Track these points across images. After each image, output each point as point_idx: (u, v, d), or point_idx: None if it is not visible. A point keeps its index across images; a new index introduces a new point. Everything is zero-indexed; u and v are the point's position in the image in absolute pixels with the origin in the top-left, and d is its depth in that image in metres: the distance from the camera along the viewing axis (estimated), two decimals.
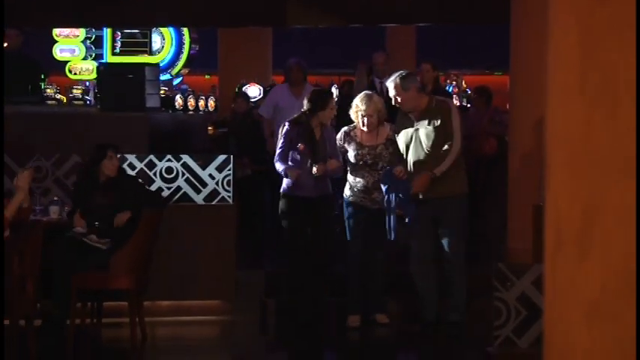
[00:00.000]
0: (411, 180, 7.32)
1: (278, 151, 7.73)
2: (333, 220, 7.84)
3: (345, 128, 7.69)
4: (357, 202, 7.63)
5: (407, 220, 7.34)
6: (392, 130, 7.58)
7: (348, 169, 7.67)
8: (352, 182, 7.66)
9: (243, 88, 12.56)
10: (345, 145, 7.63)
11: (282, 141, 7.70)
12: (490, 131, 10.87)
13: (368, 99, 7.58)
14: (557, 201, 1.93)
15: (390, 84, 7.40)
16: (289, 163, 7.63)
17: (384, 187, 7.40)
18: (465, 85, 18.84)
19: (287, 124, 7.68)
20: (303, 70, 9.54)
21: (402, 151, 7.50)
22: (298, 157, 7.62)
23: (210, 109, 13.27)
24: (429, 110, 7.34)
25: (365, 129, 7.57)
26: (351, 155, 7.60)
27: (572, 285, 1.87)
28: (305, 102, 7.68)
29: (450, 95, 10.42)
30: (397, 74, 7.47)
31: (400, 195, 7.29)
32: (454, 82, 17.58)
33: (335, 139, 7.67)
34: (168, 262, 8.14)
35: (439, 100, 7.57)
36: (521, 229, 8.01)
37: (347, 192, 7.70)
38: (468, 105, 12.48)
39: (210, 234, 8.15)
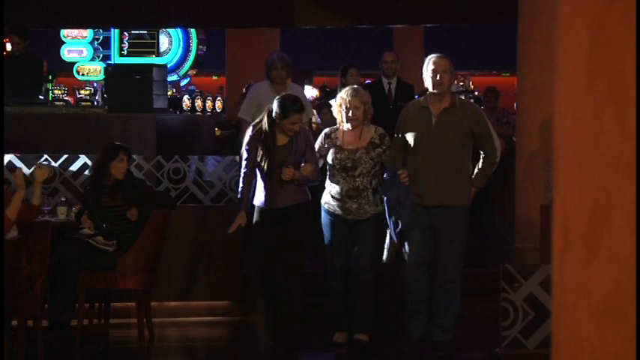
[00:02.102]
0: (417, 185, 6.68)
1: (243, 163, 6.99)
2: (306, 232, 6.95)
3: (327, 130, 7.12)
4: (331, 211, 7.00)
5: (399, 226, 6.73)
6: (377, 134, 6.94)
7: (327, 173, 7.05)
8: (328, 188, 7.03)
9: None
10: (325, 147, 7.01)
11: (245, 153, 6.95)
12: (498, 132, 10.86)
13: (354, 91, 6.97)
14: (565, 201, 1.93)
15: (440, 59, 6.73)
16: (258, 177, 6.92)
17: (385, 198, 6.81)
18: (472, 86, 18.82)
19: (250, 129, 6.98)
20: (287, 66, 8.63)
21: (411, 146, 6.74)
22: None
23: (218, 110, 13.31)
24: (452, 108, 6.71)
25: (349, 125, 6.90)
26: (329, 158, 6.98)
27: (580, 285, 1.86)
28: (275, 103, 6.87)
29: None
30: (446, 56, 6.84)
31: (399, 199, 6.69)
32: (462, 83, 17.58)
33: (313, 144, 6.99)
34: (176, 263, 8.15)
35: (463, 100, 7.13)
36: (528, 230, 8.01)
37: (323, 198, 7.08)
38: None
39: (217, 235, 8.15)
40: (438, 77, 6.67)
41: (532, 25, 8.12)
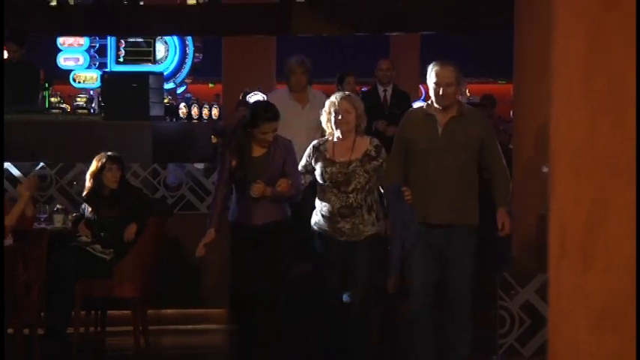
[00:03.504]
0: (421, 203, 6.00)
1: (217, 175, 6.59)
2: (284, 253, 6.38)
3: (315, 142, 6.38)
4: (322, 233, 6.28)
5: (403, 247, 6.09)
6: (373, 145, 6.26)
7: (317, 191, 6.36)
8: (318, 207, 6.30)
9: (247, 97, 12.57)
10: (313, 162, 6.31)
11: (219, 165, 6.48)
12: None
13: (344, 94, 6.38)
14: (562, 208, 1.93)
15: (444, 67, 6.07)
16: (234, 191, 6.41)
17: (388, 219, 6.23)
18: (468, 94, 18.83)
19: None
20: (308, 71, 7.53)
21: (414, 158, 6.10)
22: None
23: (214, 117, 13.29)
24: (460, 117, 6.04)
25: (339, 133, 6.21)
26: (317, 173, 6.26)
27: (576, 292, 1.87)
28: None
29: None
30: (450, 61, 6.22)
31: (403, 221, 6.02)
32: (468, 94, 17.60)
33: (294, 157, 6.37)
34: (173, 271, 8.15)
35: (471, 108, 6.37)
36: (525, 238, 8.00)
37: (313, 219, 6.36)
38: None
39: (214, 242, 8.15)
40: (440, 92, 5.98)
41: (529, 32, 8.13)
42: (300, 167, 6.40)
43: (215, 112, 13.25)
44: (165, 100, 12.13)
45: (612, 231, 1.82)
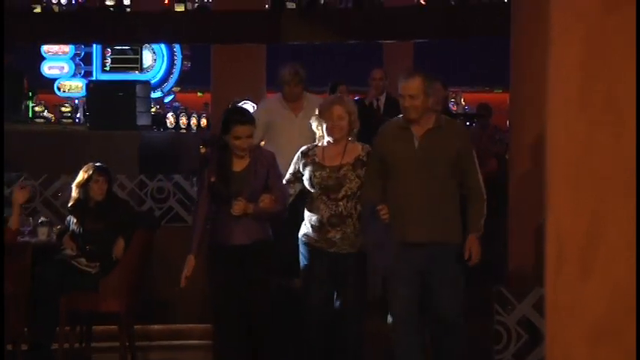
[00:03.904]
0: (399, 220, 5.81)
1: (196, 194, 6.35)
2: (267, 276, 6.12)
3: (303, 148, 6.19)
4: (311, 244, 6.08)
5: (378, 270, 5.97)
6: (365, 151, 6.09)
7: (306, 201, 6.17)
8: (307, 217, 6.11)
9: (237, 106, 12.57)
10: (301, 168, 6.14)
11: (198, 181, 6.27)
12: (490, 150, 10.92)
13: (338, 98, 6.29)
14: (558, 220, 1.95)
15: (410, 77, 5.87)
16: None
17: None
18: (463, 103, 18.88)
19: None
20: (302, 81, 7.32)
21: (390, 173, 5.94)
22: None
23: (203, 127, 13.31)
24: (437, 129, 5.90)
25: (330, 139, 6.03)
26: (306, 179, 6.07)
27: (574, 306, 1.88)
28: None
29: (456, 118, 10.24)
30: (419, 71, 6.01)
31: (376, 241, 5.84)
32: (453, 100, 17.64)
33: (278, 170, 6.14)
34: (160, 285, 8.14)
35: (450, 120, 6.22)
36: (522, 251, 8.02)
37: (301, 230, 6.15)
38: (467, 123, 12.52)
39: (203, 255, 8.15)
40: (406, 103, 5.84)
41: (525, 40, 8.16)
42: (287, 175, 6.23)
43: (204, 121, 13.27)
44: (153, 110, 12.14)
45: (611, 243, 1.83)
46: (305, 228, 6.13)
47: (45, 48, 15.03)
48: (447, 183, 5.89)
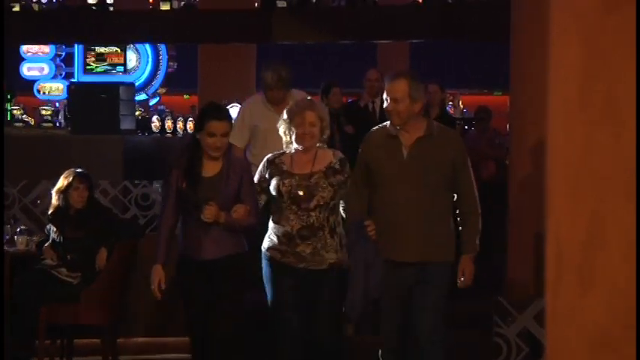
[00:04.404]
0: (386, 237, 5.57)
1: (161, 202, 6.06)
2: (239, 293, 5.81)
3: (269, 155, 5.88)
4: (276, 259, 5.73)
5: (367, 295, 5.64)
6: (337, 158, 5.77)
7: (272, 211, 5.84)
8: (272, 229, 5.77)
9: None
10: (267, 176, 5.79)
11: (164, 187, 5.97)
12: (489, 154, 10.94)
13: (309, 102, 5.91)
14: (559, 228, 1.96)
15: (394, 79, 5.64)
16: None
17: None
18: (462, 106, 18.93)
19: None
20: (286, 85, 7.12)
21: (377, 186, 5.69)
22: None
23: (190, 131, 13.29)
24: (429, 137, 5.63)
25: (299, 146, 5.72)
26: (272, 189, 5.73)
27: (574, 317, 1.89)
28: None
29: (454, 124, 10.12)
30: (405, 71, 5.73)
31: (366, 261, 5.54)
32: (450, 103, 17.70)
33: (252, 178, 5.83)
34: (145, 296, 8.12)
35: (442, 127, 5.89)
36: (522, 260, 8.03)
37: (264, 245, 5.81)
38: (466, 127, 12.56)
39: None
40: (389, 107, 5.60)
41: (526, 40, 8.18)
42: None
43: (190, 125, 13.25)
44: (137, 113, 12.15)
45: (612, 252, 1.84)
46: (269, 241, 5.77)
47: (24, 48, 15.04)
48: (438, 196, 5.61)
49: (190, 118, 13.31)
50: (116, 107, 9.76)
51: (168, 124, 12.34)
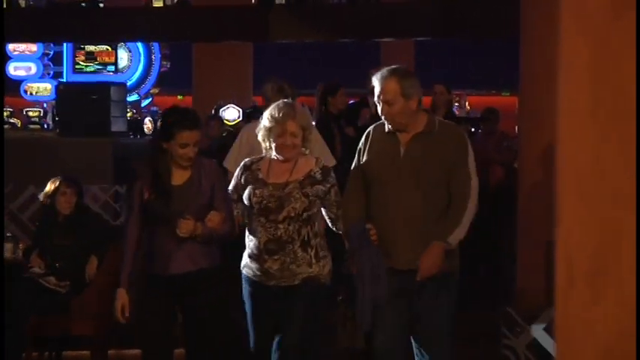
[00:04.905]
0: (384, 242, 5.32)
1: (125, 211, 5.77)
2: (215, 312, 5.56)
3: (246, 160, 5.66)
4: (250, 277, 5.52)
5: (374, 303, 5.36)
6: (319, 167, 5.52)
7: (247, 223, 5.60)
8: (247, 243, 5.57)
9: (221, 111, 12.61)
10: (243, 183, 5.56)
11: (127, 198, 5.68)
12: (496, 158, 10.96)
13: (290, 109, 5.50)
14: (569, 235, 1.97)
15: (383, 80, 5.38)
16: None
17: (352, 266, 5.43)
18: (468, 107, 18.95)
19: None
20: (286, 95, 6.92)
21: (373, 187, 5.43)
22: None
23: None
24: (428, 134, 5.37)
25: (279, 156, 5.48)
26: (245, 198, 5.51)
27: (585, 328, 1.90)
28: None
29: (460, 124, 10.08)
30: (393, 69, 5.42)
31: (372, 269, 5.30)
32: (457, 104, 17.72)
33: (224, 183, 5.62)
34: (136, 306, 8.13)
35: (444, 123, 5.63)
36: (532, 268, 8.05)
37: (242, 261, 5.61)
38: (473, 129, 12.57)
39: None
40: (383, 111, 5.36)
41: (536, 38, 8.20)
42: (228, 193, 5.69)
43: None
44: (129, 114, 12.17)
45: (624, 260, 1.85)
46: (245, 257, 5.57)
47: (10, 47, 15.06)
48: (436, 199, 5.33)
49: None
50: (107, 109, 9.78)
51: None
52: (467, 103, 19.39)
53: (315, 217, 5.51)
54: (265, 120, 5.48)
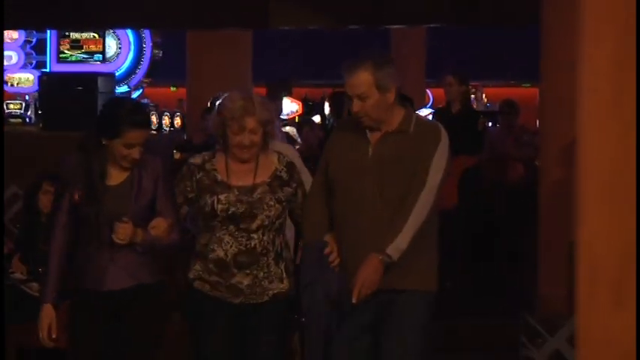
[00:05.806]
0: (348, 259, 4.92)
1: (50, 215, 5.40)
2: (154, 333, 5.24)
3: (197, 158, 5.28)
4: (204, 292, 5.16)
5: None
6: (283, 164, 5.18)
7: (201, 229, 5.22)
8: (200, 254, 5.19)
9: (217, 103, 12.61)
10: (195, 186, 5.20)
11: (54, 200, 5.34)
12: (516, 154, 10.97)
13: (248, 102, 5.14)
14: (592, 239, 1.99)
15: (353, 71, 4.95)
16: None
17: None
18: (485, 100, 18.97)
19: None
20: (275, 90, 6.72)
21: (336, 193, 5.04)
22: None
23: (177, 127, 13.34)
24: (400, 134, 4.95)
25: (236, 155, 5.15)
26: (204, 204, 5.13)
27: (608, 338, 1.92)
28: None
29: (477, 121, 9.87)
30: (364, 57, 4.99)
31: (328, 296, 5.02)
32: (473, 96, 17.75)
33: (169, 184, 5.19)
34: None
35: (423, 121, 5.20)
36: (554, 274, 8.06)
37: (191, 274, 5.20)
38: (490, 124, 12.58)
39: (173, 278, 8.17)
40: (355, 107, 4.95)
41: (558, 26, 8.20)
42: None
43: (178, 121, 13.32)
44: None
45: None
46: (196, 270, 5.18)
47: None
48: None
49: (178, 113, 13.35)
50: (94, 101, 9.80)
51: (153, 119, 12.39)
52: (483, 96, 19.39)
53: (284, 224, 5.21)
54: (220, 109, 5.21)
